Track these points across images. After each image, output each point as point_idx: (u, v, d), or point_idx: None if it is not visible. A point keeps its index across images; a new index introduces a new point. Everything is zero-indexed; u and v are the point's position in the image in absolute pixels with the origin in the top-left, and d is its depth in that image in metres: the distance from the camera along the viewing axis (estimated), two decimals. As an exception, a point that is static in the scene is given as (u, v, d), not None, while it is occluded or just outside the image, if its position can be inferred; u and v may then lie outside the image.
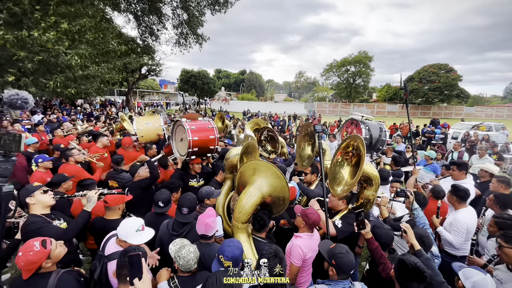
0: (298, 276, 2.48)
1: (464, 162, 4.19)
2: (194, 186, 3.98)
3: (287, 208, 3.08)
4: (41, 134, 6.54)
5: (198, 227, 2.21)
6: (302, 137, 4.51)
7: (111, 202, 2.54)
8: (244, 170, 2.88)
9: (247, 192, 2.65)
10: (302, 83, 63.38)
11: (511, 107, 40.74)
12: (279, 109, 33.80)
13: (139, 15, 17.15)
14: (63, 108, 16.50)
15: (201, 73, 35.73)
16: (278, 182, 2.66)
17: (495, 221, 2.60)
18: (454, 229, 2.99)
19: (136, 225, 2.07)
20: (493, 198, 3.11)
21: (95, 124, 9.94)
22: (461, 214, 3.04)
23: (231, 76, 65.11)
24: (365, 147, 2.82)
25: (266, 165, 2.76)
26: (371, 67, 44.67)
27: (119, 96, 35.12)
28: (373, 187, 2.98)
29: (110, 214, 2.61)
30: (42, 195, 2.40)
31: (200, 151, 3.83)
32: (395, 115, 39.42)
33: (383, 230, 2.45)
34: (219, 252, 1.88)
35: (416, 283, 1.69)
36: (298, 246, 2.37)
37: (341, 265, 1.85)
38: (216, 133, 3.98)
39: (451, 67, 38.13)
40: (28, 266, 1.67)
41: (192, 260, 1.80)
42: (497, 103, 51.75)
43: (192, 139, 3.63)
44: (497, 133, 13.84)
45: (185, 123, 3.77)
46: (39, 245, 1.71)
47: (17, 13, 7.30)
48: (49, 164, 4.24)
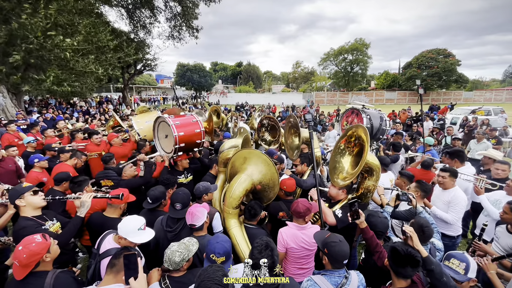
0: (292, 266, 2.50)
1: (456, 150, 4.16)
2: (182, 182, 3.92)
3: (286, 200, 3.10)
4: (36, 134, 6.47)
5: (186, 218, 2.26)
6: (287, 131, 4.49)
7: (114, 200, 2.51)
8: (235, 160, 2.96)
9: (237, 178, 2.73)
10: (299, 73, 62.56)
11: (510, 91, 40.46)
12: (277, 100, 33.54)
13: (130, 9, 16.79)
14: (59, 107, 16.35)
15: (197, 67, 35.36)
16: (267, 169, 2.74)
17: (510, 207, 2.49)
18: (455, 205, 3.05)
19: (139, 224, 2.05)
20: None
21: (91, 122, 9.87)
22: (461, 193, 3.12)
23: (228, 68, 64.33)
24: (368, 137, 2.77)
25: (256, 153, 2.85)
26: (368, 55, 44.12)
27: (115, 92, 34.77)
28: (374, 177, 2.96)
29: (110, 212, 2.59)
30: (32, 197, 2.35)
31: (187, 146, 3.76)
32: (393, 102, 39.22)
33: (378, 219, 2.45)
34: (209, 251, 1.86)
35: (409, 268, 1.70)
36: (280, 233, 2.45)
37: (333, 254, 1.85)
38: (201, 126, 3.87)
39: (449, 52, 37.72)
40: (31, 258, 1.66)
41: (178, 257, 1.78)
42: (496, 86, 51.41)
43: (178, 135, 3.53)
44: (496, 117, 13.81)
45: (168, 119, 3.66)
46: (40, 237, 1.76)
47: (5, 7, 7.14)
48: (45, 164, 4.22)
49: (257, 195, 2.91)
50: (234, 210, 2.62)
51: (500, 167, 3.67)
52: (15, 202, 2.30)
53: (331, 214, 2.75)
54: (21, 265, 1.66)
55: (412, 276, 1.76)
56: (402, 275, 1.75)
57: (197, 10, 17.26)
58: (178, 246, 1.83)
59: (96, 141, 5.21)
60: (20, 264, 1.65)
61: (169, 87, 48.96)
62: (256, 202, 2.71)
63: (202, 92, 39.75)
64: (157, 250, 2.26)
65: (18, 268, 1.67)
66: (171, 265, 1.77)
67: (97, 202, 2.84)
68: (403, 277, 1.75)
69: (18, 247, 1.68)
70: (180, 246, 1.84)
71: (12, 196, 2.31)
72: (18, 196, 2.30)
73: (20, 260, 1.65)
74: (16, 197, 2.30)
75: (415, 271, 1.75)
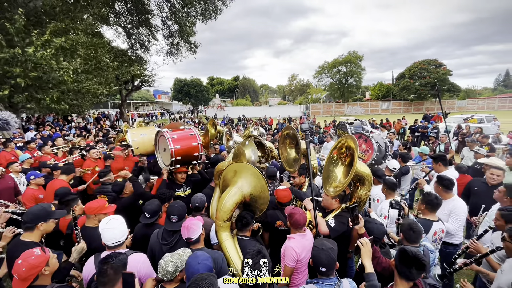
0: (294, 278, 2.50)
1: (440, 155, 4.23)
2: (181, 195, 3.94)
3: (283, 209, 3.12)
4: (32, 151, 6.49)
5: (182, 232, 2.24)
6: (282, 143, 4.52)
7: (87, 211, 2.57)
8: (226, 173, 3.01)
9: (228, 191, 2.78)
10: (295, 86, 63.67)
11: (501, 98, 41.41)
12: (274, 113, 33.93)
13: (128, 28, 17.26)
14: (55, 124, 16.41)
15: (194, 82, 35.88)
16: (257, 181, 2.79)
17: (501, 213, 2.49)
18: (455, 215, 3.08)
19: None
20: (504, 189, 3.03)
21: (87, 138, 9.91)
22: (460, 202, 3.16)
23: (225, 82, 65.36)
24: (357, 146, 2.84)
25: (245, 166, 2.90)
26: (362, 67, 45.23)
27: (113, 108, 35.04)
28: (366, 186, 3.01)
29: (90, 222, 2.63)
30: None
31: (184, 159, 3.81)
32: (388, 112, 39.79)
33: (375, 225, 2.49)
34: (191, 275, 1.67)
35: (415, 269, 1.75)
36: (291, 248, 2.40)
37: (313, 258, 1.92)
38: (198, 139, 3.94)
39: (440, 62, 38.73)
40: (30, 271, 1.68)
41: (171, 267, 1.79)
42: (488, 95, 52.47)
43: (174, 148, 3.62)
44: (489, 124, 14.05)
45: (166, 133, 3.76)
46: (39, 250, 1.79)
47: (10, 32, 7.34)
48: (41, 181, 4.22)
49: (249, 207, 2.95)
50: (225, 223, 2.64)
51: (495, 173, 3.74)
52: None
53: (324, 223, 2.77)
54: (20, 279, 1.67)
55: (416, 279, 1.79)
56: (406, 276, 1.78)
57: (194, 28, 17.74)
58: (172, 256, 1.84)
59: (93, 155, 5.24)
60: (19, 277, 1.67)
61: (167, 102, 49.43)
62: (247, 212, 2.73)
63: (200, 106, 40.14)
64: (153, 263, 2.26)
65: (18, 282, 1.68)
66: (165, 275, 1.78)
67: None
68: (406, 278, 1.78)
69: (18, 261, 1.70)
70: (173, 256, 1.85)
71: None
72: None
73: (20, 273, 1.67)
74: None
75: (419, 274, 1.78)
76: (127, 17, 16.81)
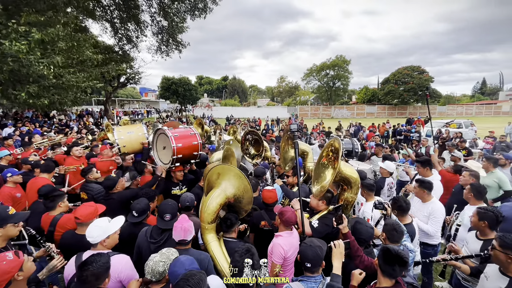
0: (280, 275, 2.51)
1: (427, 159, 4.39)
2: (177, 194, 3.93)
3: (267, 210, 3.15)
4: (9, 148, 6.19)
5: (176, 233, 2.18)
6: (285, 140, 4.62)
7: (83, 218, 2.37)
8: (210, 176, 3.03)
9: (211, 193, 2.81)
10: (284, 88, 64.17)
11: (479, 105, 43.65)
12: (263, 113, 34.00)
13: (115, 23, 16.77)
14: (35, 120, 15.71)
15: (182, 80, 35.32)
16: (240, 182, 2.84)
17: (477, 211, 2.63)
18: (434, 217, 3.21)
19: (103, 221, 2.14)
20: (469, 188, 3.26)
21: (69, 135, 9.57)
22: (438, 204, 3.30)
23: (214, 82, 64.99)
24: (341, 148, 2.91)
25: (228, 168, 2.94)
26: (349, 71, 46.20)
27: (97, 105, 33.91)
28: (353, 189, 3.09)
29: (82, 230, 2.37)
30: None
31: (184, 157, 3.85)
32: (374, 116, 40.86)
33: (364, 227, 2.50)
34: (175, 277, 1.65)
35: (397, 266, 1.81)
36: (279, 245, 2.43)
37: (300, 253, 1.99)
38: (198, 139, 3.99)
39: (423, 69, 40.27)
40: (1, 277, 1.58)
41: (162, 267, 1.77)
42: (466, 101, 55.01)
43: (176, 146, 3.64)
44: (467, 129, 14.73)
45: (168, 131, 3.79)
46: (12, 254, 1.69)
47: None
48: (19, 179, 4.02)
49: (233, 208, 2.97)
50: (210, 225, 2.65)
51: (466, 175, 3.96)
52: None
53: (308, 224, 2.81)
54: None
55: (398, 276, 1.86)
56: (389, 274, 1.84)
57: (184, 24, 17.45)
58: (161, 256, 1.82)
59: (76, 153, 5.07)
60: None
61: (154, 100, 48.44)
62: (232, 214, 2.75)
63: (187, 106, 39.61)
64: (139, 261, 2.20)
65: None
66: (155, 276, 1.75)
67: (69, 221, 2.72)
68: (390, 276, 1.85)
69: None
70: (162, 256, 1.83)
71: None
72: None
73: None
74: None
75: (402, 271, 1.86)
76: (114, 11, 16.33)
